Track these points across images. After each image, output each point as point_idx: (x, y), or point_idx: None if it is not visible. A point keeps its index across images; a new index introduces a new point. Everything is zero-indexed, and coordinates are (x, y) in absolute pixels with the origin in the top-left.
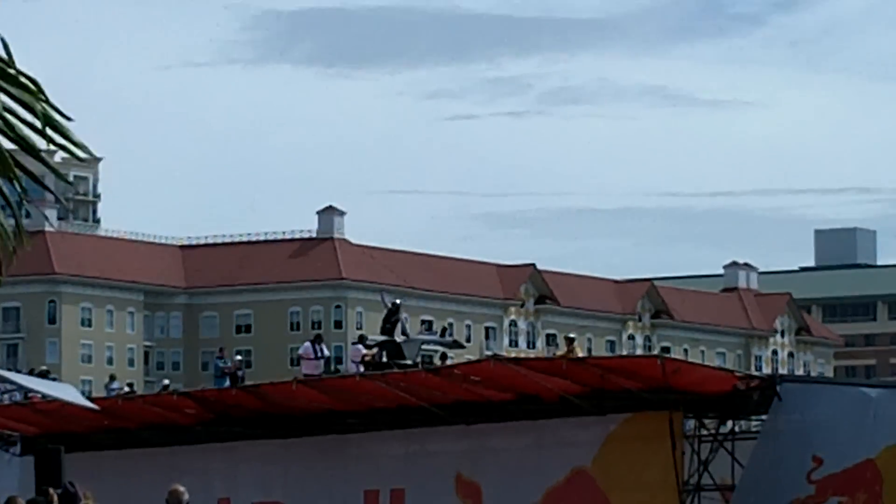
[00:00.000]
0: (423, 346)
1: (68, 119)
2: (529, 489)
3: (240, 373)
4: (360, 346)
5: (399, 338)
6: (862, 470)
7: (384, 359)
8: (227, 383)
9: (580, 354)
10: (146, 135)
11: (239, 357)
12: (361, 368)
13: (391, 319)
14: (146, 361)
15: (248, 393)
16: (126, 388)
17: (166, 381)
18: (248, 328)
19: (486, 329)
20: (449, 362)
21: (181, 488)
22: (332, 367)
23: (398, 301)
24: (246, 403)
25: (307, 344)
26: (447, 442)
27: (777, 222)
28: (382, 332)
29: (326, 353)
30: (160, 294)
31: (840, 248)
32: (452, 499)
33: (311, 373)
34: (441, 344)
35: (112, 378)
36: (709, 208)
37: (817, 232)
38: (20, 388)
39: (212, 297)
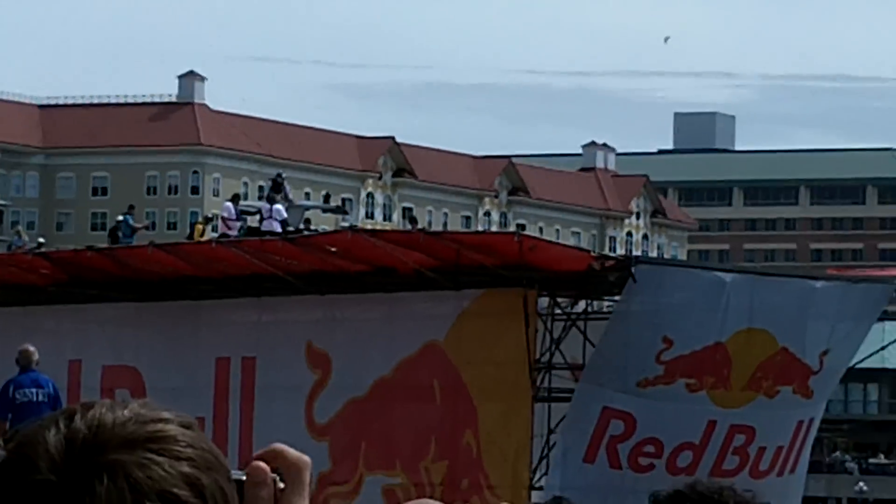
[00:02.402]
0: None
1: None
2: (380, 361)
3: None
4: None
5: (281, 204)
6: (711, 353)
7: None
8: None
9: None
10: None
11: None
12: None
13: (278, 190)
14: (0, 220)
15: (104, 256)
16: (35, 244)
17: (41, 239)
18: (104, 191)
19: (343, 200)
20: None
21: (31, 348)
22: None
23: (283, 173)
24: (101, 266)
25: (227, 204)
26: (300, 311)
27: (637, 104)
28: (268, 202)
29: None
30: (16, 153)
31: (699, 132)
32: (302, 368)
33: (230, 233)
34: (325, 210)
35: (18, 234)
36: (569, 87)
37: (676, 115)
38: None
39: (69, 157)
